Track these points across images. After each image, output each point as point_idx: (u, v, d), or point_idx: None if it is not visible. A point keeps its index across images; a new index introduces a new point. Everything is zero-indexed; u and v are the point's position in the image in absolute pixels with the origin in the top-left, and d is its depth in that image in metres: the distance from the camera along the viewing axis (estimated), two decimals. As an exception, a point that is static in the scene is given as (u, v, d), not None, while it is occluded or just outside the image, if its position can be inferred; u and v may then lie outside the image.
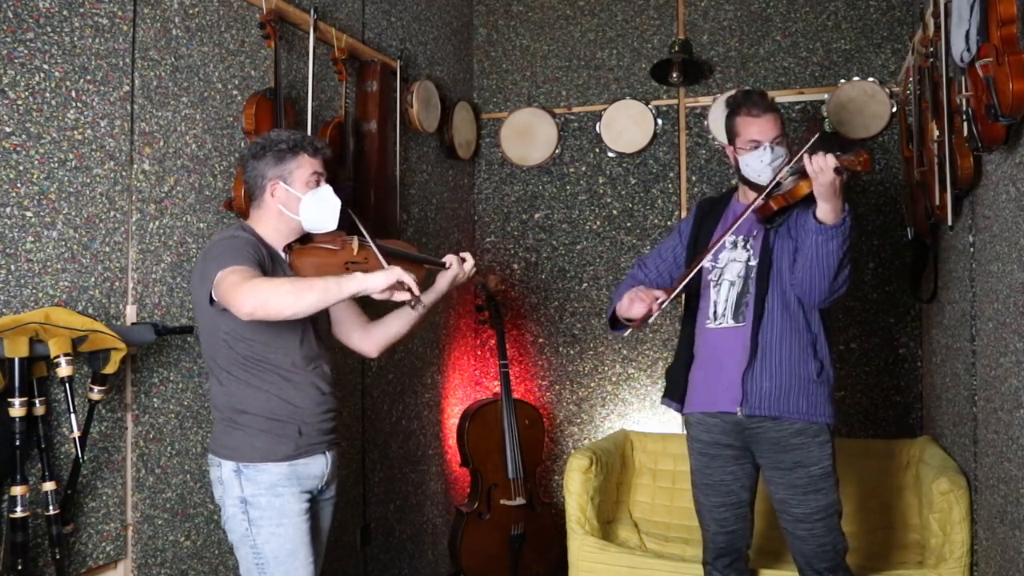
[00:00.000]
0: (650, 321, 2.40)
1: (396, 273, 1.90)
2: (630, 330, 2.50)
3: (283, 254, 2.15)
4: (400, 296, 1.93)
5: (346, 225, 2.23)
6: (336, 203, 2.15)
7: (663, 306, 2.37)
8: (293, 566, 2.03)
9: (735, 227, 2.40)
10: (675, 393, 2.55)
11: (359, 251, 2.19)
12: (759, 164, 2.40)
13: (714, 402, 2.44)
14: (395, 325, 2.35)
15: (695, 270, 2.40)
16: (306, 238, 2.18)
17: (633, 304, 2.39)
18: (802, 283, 2.33)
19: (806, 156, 2.21)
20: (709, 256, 2.45)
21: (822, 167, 2.17)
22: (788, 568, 2.73)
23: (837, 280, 2.30)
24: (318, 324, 2.20)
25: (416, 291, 1.94)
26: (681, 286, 2.39)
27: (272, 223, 2.14)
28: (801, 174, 2.31)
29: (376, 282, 1.89)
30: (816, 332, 2.40)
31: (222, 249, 1.98)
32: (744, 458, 2.46)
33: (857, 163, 2.21)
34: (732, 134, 2.48)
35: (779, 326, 2.37)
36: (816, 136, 2.29)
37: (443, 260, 2.32)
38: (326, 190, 2.14)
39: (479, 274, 2.50)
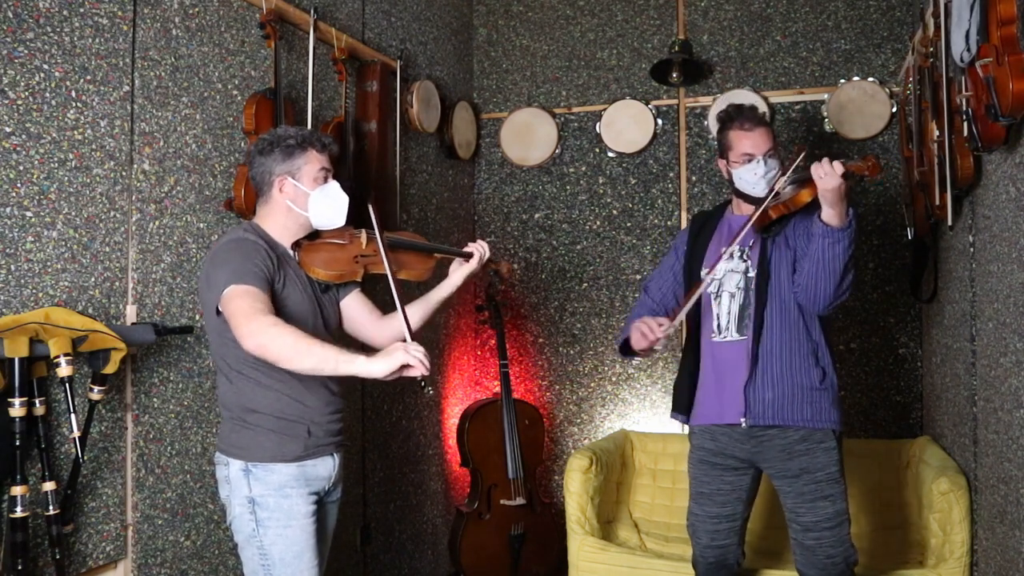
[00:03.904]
0: (658, 349, 2.41)
1: (398, 358, 1.81)
2: (639, 359, 2.54)
3: (292, 252, 2.14)
4: (410, 373, 1.83)
5: (353, 217, 2.22)
6: (344, 199, 2.13)
7: (667, 332, 2.37)
8: (299, 568, 2.02)
9: (739, 239, 2.39)
10: (681, 406, 2.56)
11: (368, 244, 2.18)
12: (753, 176, 2.42)
13: (720, 415, 2.43)
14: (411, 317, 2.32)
15: (694, 296, 2.38)
16: (314, 234, 2.18)
17: (636, 335, 2.40)
18: (807, 289, 2.32)
19: (814, 165, 2.20)
20: (706, 281, 2.44)
21: (828, 171, 2.16)
22: (788, 568, 2.72)
23: (842, 284, 2.29)
24: (328, 322, 2.18)
25: (426, 368, 1.82)
26: (682, 313, 2.37)
27: (280, 220, 2.13)
28: (801, 183, 2.31)
29: (378, 369, 1.81)
30: (817, 340, 2.40)
31: (228, 256, 1.97)
32: (744, 471, 2.46)
33: (865, 168, 2.20)
34: (725, 148, 2.50)
35: (778, 337, 2.37)
36: (803, 154, 2.31)
37: (465, 251, 2.32)
38: (334, 186, 2.13)
39: (492, 261, 2.48)
